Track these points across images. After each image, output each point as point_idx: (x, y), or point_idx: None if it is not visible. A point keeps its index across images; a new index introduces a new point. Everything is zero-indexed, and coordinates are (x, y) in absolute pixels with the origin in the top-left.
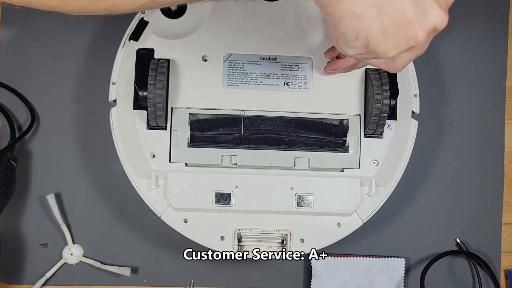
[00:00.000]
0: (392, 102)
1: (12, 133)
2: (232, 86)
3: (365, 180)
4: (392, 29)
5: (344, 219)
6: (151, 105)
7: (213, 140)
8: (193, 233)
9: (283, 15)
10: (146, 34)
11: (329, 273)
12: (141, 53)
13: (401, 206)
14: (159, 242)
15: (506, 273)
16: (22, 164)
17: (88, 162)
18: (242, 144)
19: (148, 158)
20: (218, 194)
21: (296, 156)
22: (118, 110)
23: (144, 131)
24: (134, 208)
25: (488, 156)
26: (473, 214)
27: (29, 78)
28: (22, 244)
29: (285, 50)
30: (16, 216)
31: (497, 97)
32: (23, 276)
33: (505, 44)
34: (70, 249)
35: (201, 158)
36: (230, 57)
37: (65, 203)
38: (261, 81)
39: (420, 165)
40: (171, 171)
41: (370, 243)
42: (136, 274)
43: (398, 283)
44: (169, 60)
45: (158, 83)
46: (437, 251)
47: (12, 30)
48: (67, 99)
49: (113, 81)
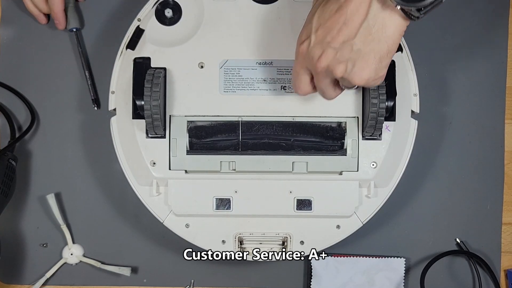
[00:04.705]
0: (390, 104)
1: (12, 133)
2: (229, 92)
3: (363, 182)
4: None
5: (343, 221)
6: (148, 115)
7: (211, 146)
8: (194, 237)
9: (278, 18)
10: (142, 42)
11: (329, 273)
12: (138, 62)
13: (401, 206)
14: (159, 242)
15: (506, 273)
16: (22, 164)
17: (88, 162)
18: (240, 150)
19: (149, 166)
20: (218, 199)
21: (294, 161)
22: (118, 119)
23: (144, 140)
24: (134, 208)
25: (488, 156)
26: (473, 214)
27: (29, 78)
28: (22, 244)
29: (281, 54)
30: (16, 216)
31: (497, 97)
32: (23, 276)
33: (505, 44)
34: (70, 249)
35: (200, 165)
36: (226, 63)
37: (65, 203)
38: (258, 86)
39: (420, 165)
40: (171, 178)
41: (370, 243)
42: (136, 274)
43: (398, 283)
44: (165, 69)
45: (154, 94)
46: (437, 251)
47: (12, 30)
48: (67, 99)
49: (112, 91)
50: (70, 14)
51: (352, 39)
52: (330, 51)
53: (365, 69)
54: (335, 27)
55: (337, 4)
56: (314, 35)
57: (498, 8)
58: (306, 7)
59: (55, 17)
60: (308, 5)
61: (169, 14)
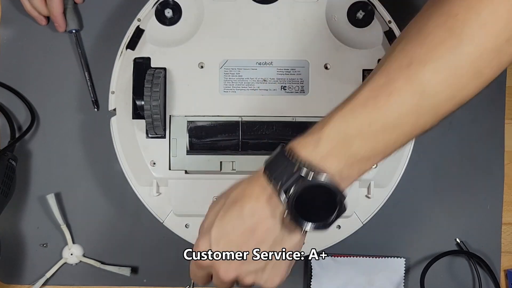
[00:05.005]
0: None
1: (12, 133)
2: (229, 92)
3: (363, 182)
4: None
5: (343, 221)
6: (148, 116)
7: (211, 146)
8: (194, 237)
9: (278, 18)
10: (142, 42)
11: (329, 273)
12: (138, 62)
13: (401, 206)
14: (159, 242)
15: (506, 273)
16: (22, 164)
17: (88, 162)
18: (240, 150)
19: (149, 166)
20: None
21: None
22: (118, 119)
23: (144, 140)
24: (134, 208)
25: (488, 156)
26: (473, 214)
27: (29, 78)
28: (22, 244)
29: (281, 54)
30: (16, 216)
31: (497, 97)
32: (23, 276)
33: None
34: (70, 249)
35: (200, 165)
36: (226, 63)
37: (65, 203)
38: (258, 86)
39: (420, 165)
40: (171, 178)
41: (370, 243)
42: (136, 274)
43: (398, 283)
44: (165, 69)
45: (154, 94)
46: (437, 251)
47: (12, 30)
48: (67, 99)
49: (112, 91)
50: (69, 16)
51: (260, 249)
52: (235, 264)
53: (277, 275)
54: (240, 239)
55: (239, 216)
56: (215, 246)
57: None
58: (306, 7)
59: (55, 20)
60: (308, 5)
61: (169, 14)
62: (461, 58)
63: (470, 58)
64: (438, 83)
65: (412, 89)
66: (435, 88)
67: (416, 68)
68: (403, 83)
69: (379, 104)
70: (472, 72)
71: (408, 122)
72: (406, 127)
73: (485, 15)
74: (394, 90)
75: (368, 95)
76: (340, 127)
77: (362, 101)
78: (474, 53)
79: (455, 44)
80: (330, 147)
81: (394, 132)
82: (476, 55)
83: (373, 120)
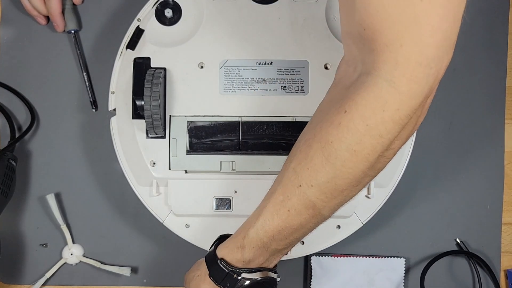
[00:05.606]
0: None
1: (12, 133)
2: (229, 92)
3: None
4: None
5: (343, 221)
6: (148, 116)
7: (211, 146)
8: (195, 238)
9: (278, 18)
10: (142, 42)
11: (329, 273)
12: (138, 62)
13: (401, 206)
14: (159, 242)
15: (506, 273)
16: (22, 164)
17: (88, 162)
18: (240, 150)
19: (149, 166)
20: (218, 199)
21: None
22: (118, 119)
23: (144, 140)
24: (134, 208)
25: (488, 156)
26: (473, 214)
27: (29, 78)
28: (22, 244)
29: (281, 54)
30: (16, 216)
31: (497, 97)
32: (23, 276)
33: (505, 44)
34: (70, 249)
35: (200, 165)
36: (226, 63)
37: (65, 203)
38: (258, 86)
39: (420, 165)
40: (171, 178)
41: (370, 243)
42: (136, 274)
43: (398, 283)
44: (165, 69)
45: (154, 94)
46: (437, 251)
47: (12, 30)
48: (67, 99)
49: (112, 91)
50: (67, 16)
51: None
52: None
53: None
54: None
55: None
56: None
57: (498, 8)
58: (306, 7)
59: (53, 20)
60: (308, 5)
61: (169, 14)
62: (338, 180)
63: (347, 181)
64: (323, 200)
65: (305, 205)
66: (323, 202)
67: (305, 189)
68: (296, 201)
69: (282, 218)
70: (351, 185)
71: (309, 222)
72: (309, 225)
73: (351, 143)
74: (292, 207)
75: (272, 210)
76: (258, 238)
77: (269, 216)
78: (348, 176)
79: (331, 170)
80: (254, 252)
81: (300, 231)
82: (350, 178)
83: (281, 229)
